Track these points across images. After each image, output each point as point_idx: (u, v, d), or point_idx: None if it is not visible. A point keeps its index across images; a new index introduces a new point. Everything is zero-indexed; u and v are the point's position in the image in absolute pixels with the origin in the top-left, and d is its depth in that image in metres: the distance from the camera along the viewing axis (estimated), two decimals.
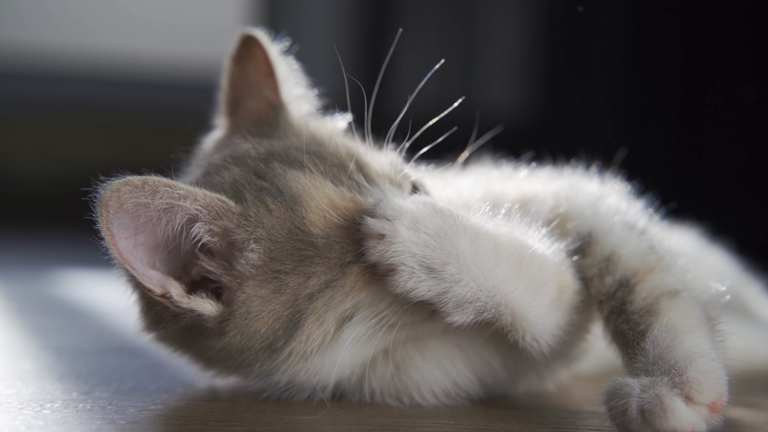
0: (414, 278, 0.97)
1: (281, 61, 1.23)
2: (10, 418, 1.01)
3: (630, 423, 0.93)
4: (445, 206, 1.01)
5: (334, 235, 1.03)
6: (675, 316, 1.00)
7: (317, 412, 1.08)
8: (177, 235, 1.03)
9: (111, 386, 1.20)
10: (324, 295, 1.03)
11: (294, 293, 1.03)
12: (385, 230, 0.98)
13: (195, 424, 1.03)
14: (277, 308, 1.03)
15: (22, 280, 2.46)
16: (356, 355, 1.07)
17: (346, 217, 1.04)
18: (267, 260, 1.03)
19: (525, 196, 1.16)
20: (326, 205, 1.04)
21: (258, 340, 1.04)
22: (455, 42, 3.67)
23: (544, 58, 3.59)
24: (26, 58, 4.14)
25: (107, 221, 0.99)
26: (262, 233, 1.04)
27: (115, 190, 0.99)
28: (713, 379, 0.93)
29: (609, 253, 1.08)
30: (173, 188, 1.02)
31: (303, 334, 1.03)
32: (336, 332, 1.04)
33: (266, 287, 1.03)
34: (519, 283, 1.01)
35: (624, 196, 1.19)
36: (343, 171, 1.08)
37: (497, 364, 1.14)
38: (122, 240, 1.00)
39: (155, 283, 1.03)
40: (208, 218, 1.04)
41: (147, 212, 1.01)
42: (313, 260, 1.03)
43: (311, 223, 1.04)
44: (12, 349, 1.50)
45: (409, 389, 1.12)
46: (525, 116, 3.51)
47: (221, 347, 1.06)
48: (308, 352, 1.04)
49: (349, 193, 1.06)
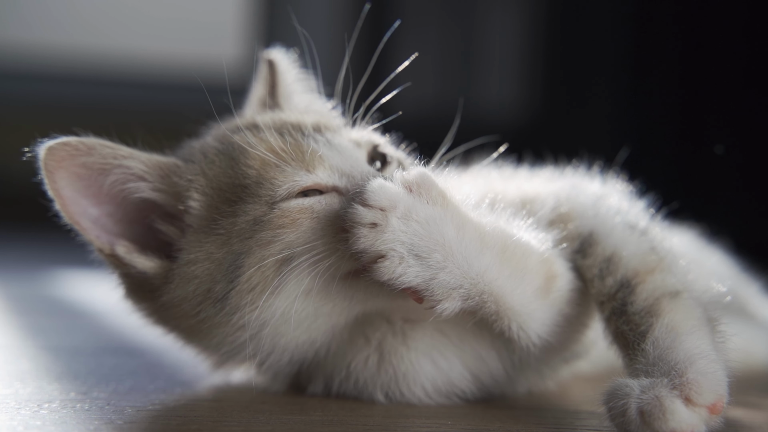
0: (403, 264, 0.97)
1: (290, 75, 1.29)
2: (8, 419, 1.01)
3: (629, 424, 0.93)
4: (434, 183, 1.01)
5: (267, 173, 1.07)
6: (676, 317, 1.00)
7: (315, 412, 1.08)
8: (127, 195, 1.10)
9: (109, 386, 1.20)
10: (254, 233, 1.04)
11: (227, 233, 1.06)
12: (378, 220, 0.98)
13: (193, 424, 1.03)
14: (213, 250, 1.06)
15: (20, 280, 2.45)
16: (314, 312, 1.07)
17: (282, 158, 1.07)
18: (207, 208, 1.08)
19: (526, 197, 1.16)
20: (265, 149, 1.08)
21: (198, 285, 1.07)
22: (454, 41, 3.67)
23: (544, 57, 3.60)
24: (26, 58, 4.13)
25: (55, 183, 1.07)
26: (203, 182, 1.09)
27: (62, 151, 1.07)
28: (713, 381, 0.93)
29: (610, 254, 1.08)
30: (116, 149, 1.09)
31: (243, 277, 1.04)
32: (275, 276, 1.04)
33: (204, 232, 1.07)
34: (503, 271, 1.01)
35: (625, 197, 1.19)
36: (300, 131, 1.12)
37: (492, 360, 1.13)
38: (72, 202, 1.08)
39: (104, 242, 1.10)
40: (153, 177, 1.11)
41: (94, 173, 1.08)
42: (245, 199, 1.06)
43: (247, 166, 1.08)
44: (10, 349, 1.50)
45: (398, 381, 1.12)
46: (525, 116, 3.51)
47: (169, 302, 1.09)
48: (252, 300, 1.04)
49: (295, 139, 1.09)
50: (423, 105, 3.26)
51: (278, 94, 1.28)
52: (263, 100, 1.28)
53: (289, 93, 1.28)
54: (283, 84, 1.28)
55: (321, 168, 1.07)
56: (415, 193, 0.99)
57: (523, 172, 1.28)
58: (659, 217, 1.21)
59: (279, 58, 1.29)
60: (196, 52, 4.06)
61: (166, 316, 1.13)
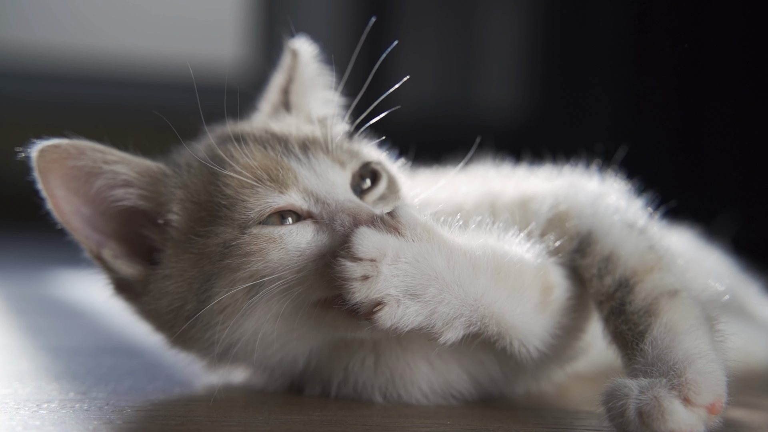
0: (401, 306, 0.96)
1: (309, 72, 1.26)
2: (7, 418, 1.01)
3: (628, 424, 0.93)
4: (417, 220, 1.00)
5: (241, 194, 1.05)
6: (674, 316, 1.00)
7: (314, 412, 1.08)
8: (115, 199, 1.11)
9: (108, 386, 1.20)
10: (224, 257, 1.04)
11: (199, 252, 1.06)
12: (368, 272, 0.96)
13: (192, 424, 1.03)
14: (187, 267, 1.06)
15: (19, 280, 2.45)
16: (285, 334, 1.06)
17: (258, 177, 1.05)
18: (186, 222, 1.08)
19: (524, 195, 1.16)
20: (242, 166, 1.06)
21: (171, 301, 1.07)
22: (453, 42, 3.67)
23: (543, 56, 3.59)
24: (25, 58, 4.13)
25: (48, 183, 1.08)
26: (183, 194, 1.09)
27: (53, 153, 1.08)
28: (712, 381, 0.93)
29: (608, 253, 1.08)
30: (105, 153, 1.10)
31: (214, 299, 1.04)
32: (245, 299, 1.03)
33: (181, 247, 1.07)
34: (500, 293, 1.01)
35: (624, 195, 1.19)
36: (285, 146, 1.10)
37: (490, 362, 1.13)
38: (65, 201, 1.09)
39: (93, 243, 1.12)
40: (141, 183, 1.11)
41: (84, 175, 1.09)
42: (218, 220, 1.05)
43: (225, 185, 1.07)
44: (9, 349, 1.50)
45: (395, 383, 1.12)
46: (524, 115, 3.51)
47: (149, 310, 1.11)
48: (222, 320, 1.04)
49: (276, 155, 1.08)
50: (423, 105, 3.26)
51: (292, 90, 1.25)
52: (285, 88, 1.26)
53: (305, 88, 1.26)
54: (300, 79, 1.26)
55: (295, 190, 1.06)
56: (400, 234, 0.98)
57: (522, 171, 1.28)
58: (657, 216, 1.21)
59: (303, 49, 1.26)
60: (197, 52, 4.05)
61: (149, 319, 1.15)
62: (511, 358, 1.10)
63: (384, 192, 1.12)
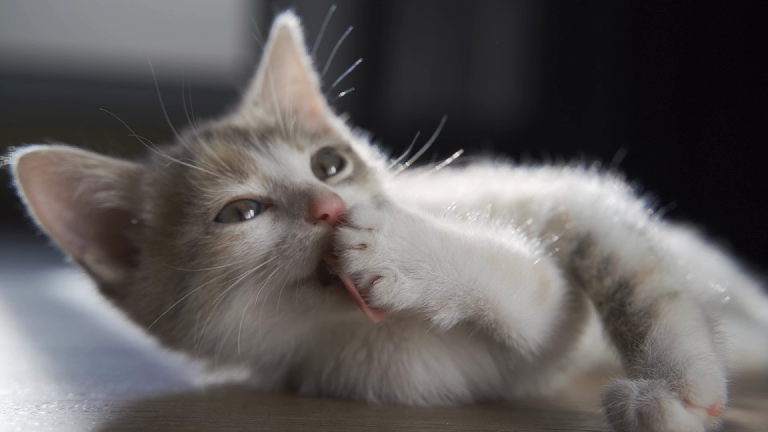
0: (398, 282, 0.97)
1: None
2: (6, 419, 1.01)
3: (628, 426, 0.93)
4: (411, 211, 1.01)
5: (203, 187, 1.06)
6: (674, 317, 1.00)
7: (313, 413, 1.08)
8: (98, 203, 1.12)
9: (107, 387, 1.20)
10: (193, 257, 1.05)
11: (170, 254, 1.07)
12: (366, 240, 0.97)
13: (191, 424, 1.03)
14: (160, 268, 1.08)
15: (18, 280, 2.45)
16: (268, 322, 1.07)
17: (221, 168, 1.07)
18: (158, 218, 1.09)
19: (523, 197, 1.16)
20: (206, 159, 1.08)
21: (150, 302, 1.09)
22: (452, 43, 3.67)
23: (542, 57, 3.59)
24: (25, 58, 4.13)
25: (29, 189, 1.09)
26: (154, 191, 1.10)
27: (33, 161, 1.08)
28: (712, 382, 0.93)
29: (608, 254, 1.08)
30: (86, 158, 1.11)
31: (190, 296, 1.05)
32: (220, 292, 1.04)
33: (155, 248, 1.09)
34: (494, 276, 1.01)
35: (623, 197, 1.19)
36: (245, 138, 1.11)
37: (487, 364, 1.13)
38: (47, 207, 1.10)
39: (75, 249, 1.13)
40: (121, 185, 1.12)
41: (65, 180, 1.10)
42: (185, 217, 1.06)
43: (192, 177, 1.08)
44: (8, 350, 1.50)
45: (389, 383, 1.12)
46: (522, 116, 3.51)
47: (133, 313, 1.13)
48: (202, 316, 1.05)
49: (236, 147, 1.09)
50: (421, 106, 3.26)
51: (268, 78, 1.25)
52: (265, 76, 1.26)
53: (283, 59, 1.26)
54: (278, 62, 1.25)
55: (254, 178, 1.07)
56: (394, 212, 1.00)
57: (521, 173, 1.28)
58: (657, 218, 1.21)
59: (286, 22, 1.27)
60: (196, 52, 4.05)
61: (134, 321, 1.16)
62: (509, 358, 1.10)
63: (350, 175, 1.13)
